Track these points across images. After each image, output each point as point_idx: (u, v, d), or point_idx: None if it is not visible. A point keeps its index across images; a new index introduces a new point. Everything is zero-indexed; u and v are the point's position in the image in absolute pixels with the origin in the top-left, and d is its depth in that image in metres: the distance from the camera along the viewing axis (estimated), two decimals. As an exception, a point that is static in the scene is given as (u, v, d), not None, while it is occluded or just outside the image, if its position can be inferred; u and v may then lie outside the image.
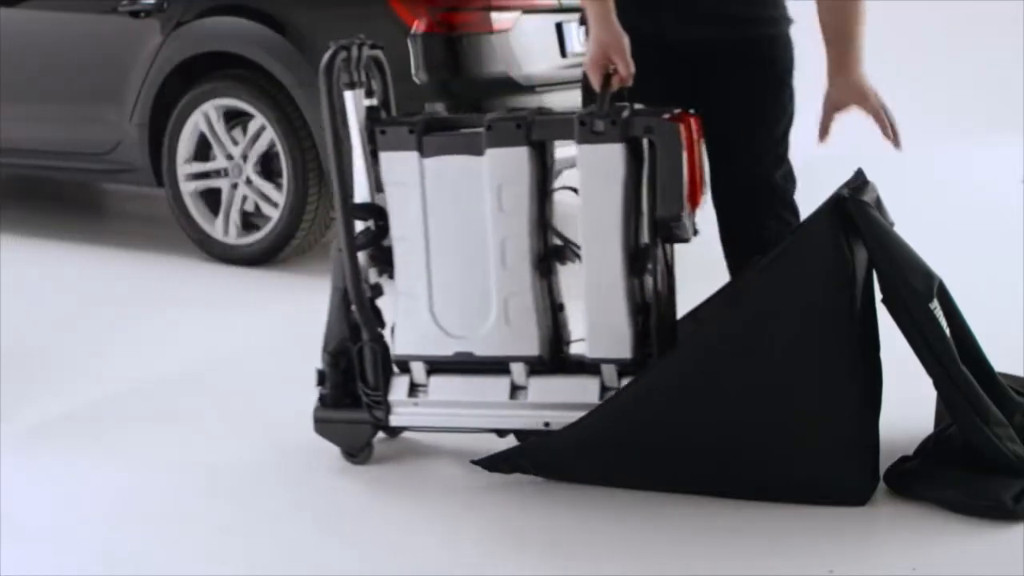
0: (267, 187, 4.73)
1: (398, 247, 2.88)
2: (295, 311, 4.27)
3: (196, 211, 4.87)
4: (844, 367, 2.67)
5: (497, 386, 2.84)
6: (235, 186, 4.78)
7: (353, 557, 2.57)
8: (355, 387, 2.93)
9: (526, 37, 4.63)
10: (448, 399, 2.88)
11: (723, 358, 2.69)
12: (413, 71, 4.47)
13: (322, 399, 2.97)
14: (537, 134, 2.78)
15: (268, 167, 4.75)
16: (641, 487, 2.77)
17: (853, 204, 2.66)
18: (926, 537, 2.61)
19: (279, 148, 4.65)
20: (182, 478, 2.93)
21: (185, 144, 4.84)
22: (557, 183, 2.92)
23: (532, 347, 2.82)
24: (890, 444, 2.78)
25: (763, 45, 3.02)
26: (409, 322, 2.89)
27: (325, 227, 4.81)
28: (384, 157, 2.86)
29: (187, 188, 4.86)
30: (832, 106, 2.92)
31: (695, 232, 2.77)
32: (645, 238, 2.77)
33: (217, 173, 4.82)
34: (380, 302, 2.94)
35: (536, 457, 2.80)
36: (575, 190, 2.79)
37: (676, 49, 2.97)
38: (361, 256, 2.89)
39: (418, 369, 2.89)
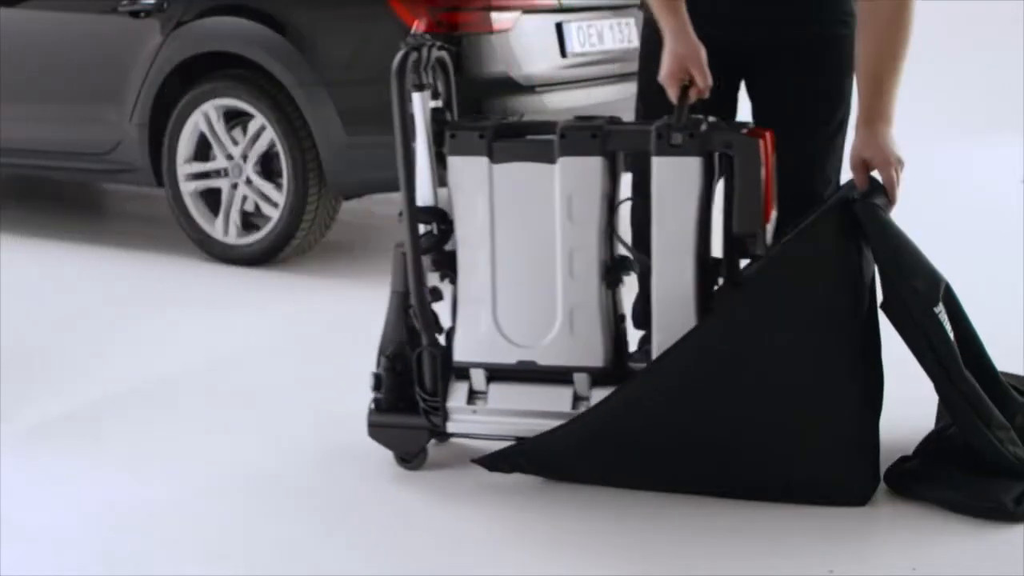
0: (267, 187, 4.72)
1: (462, 253, 2.85)
2: (295, 311, 4.27)
3: (196, 211, 4.86)
4: (846, 368, 2.67)
5: (559, 396, 2.81)
6: (235, 186, 4.77)
7: (352, 557, 2.57)
8: (410, 392, 2.89)
9: (526, 37, 4.62)
10: (508, 407, 2.84)
11: (724, 357, 2.69)
12: (413, 71, 4.46)
13: (377, 403, 2.92)
14: (612, 144, 2.75)
15: (268, 167, 4.74)
16: (641, 487, 2.77)
17: (861, 206, 2.66)
18: (926, 537, 2.61)
19: (279, 148, 4.65)
20: (182, 478, 2.93)
21: (185, 144, 4.83)
22: None
23: (596, 358, 2.79)
24: (890, 444, 2.79)
25: (814, 46, 2.99)
26: (471, 328, 2.85)
27: (325, 227, 4.81)
28: (453, 161, 2.82)
29: (187, 188, 4.85)
30: (857, 160, 2.81)
31: (767, 247, 2.75)
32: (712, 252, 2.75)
33: (217, 173, 4.82)
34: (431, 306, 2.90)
35: (536, 457, 2.80)
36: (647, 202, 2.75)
37: (726, 52, 2.95)
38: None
39: (478, 376, 2.86)
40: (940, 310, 2.67)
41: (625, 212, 2.88)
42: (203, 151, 4.85)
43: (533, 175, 2.78)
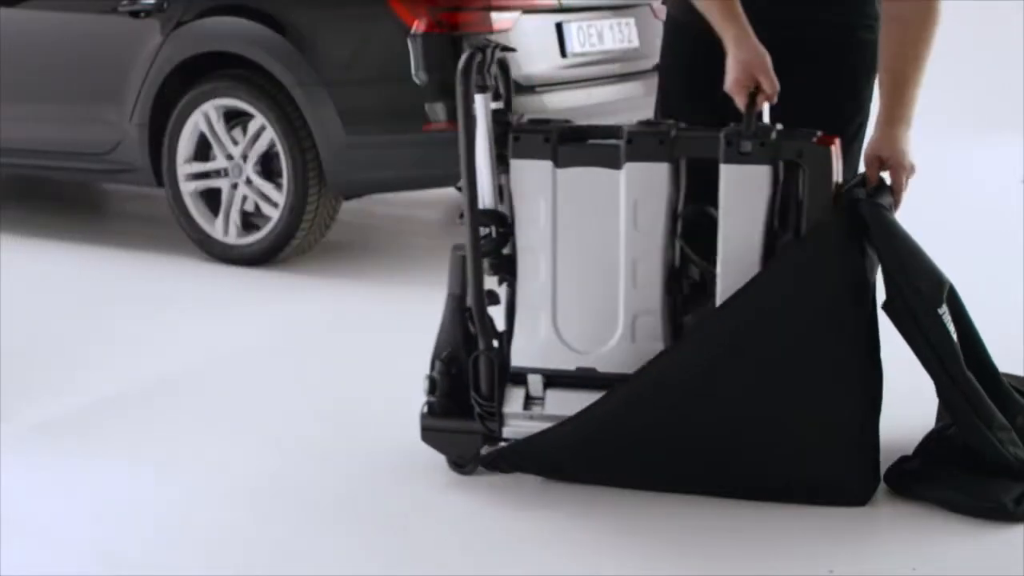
0: (267, 187, 4.72)
1: (523, 257, 2.81)
2: (295, 311, 4.27)
3: (196, 211, 4.86)
4: (848, 368, 2.66)
5: None
6: (235, 186, 4.77)
7: (352, 557, 2.57)
8: (463, 396, 2.85)
9: (526, 37, 4.62)
10: (565, 413, 2.79)
11: (727, 356, 2.68)
12: (413, 71, 4.46)
13: (430, 407, 2.88)
14: (679, 151, 2.72)
15: (268, 167, 4.74)
16: (640, 487, 2.76)
17: (867, 207, 2.65)
18: (926, 537, 2.61)
19: (279, 148, 4.65)
20: (182, 478, 2.93)
21: (185, 144, 4.83)
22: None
23: None
24: (890, 444, 2.78)
25: (837, 49, 2.97)
26: (529, 334, 2.81)
27: (325, 227, 4.81)
28: (516, 164, 2.77)
29: (187, 188, 4.85)
30: (872, 157, 2.81)
31: None
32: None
33: (217, 173, 4.82)
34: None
35: (534, 456, 2.79)
36: (711, 210, 2.73)
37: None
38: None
39: (535, 382, 2.82)
40: (944, 311, 2.67)
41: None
42: (203, 151, 4.85)
43: (598, 180, 2.73)
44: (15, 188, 6.30)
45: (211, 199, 4.86)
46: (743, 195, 2.66)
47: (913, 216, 2.89)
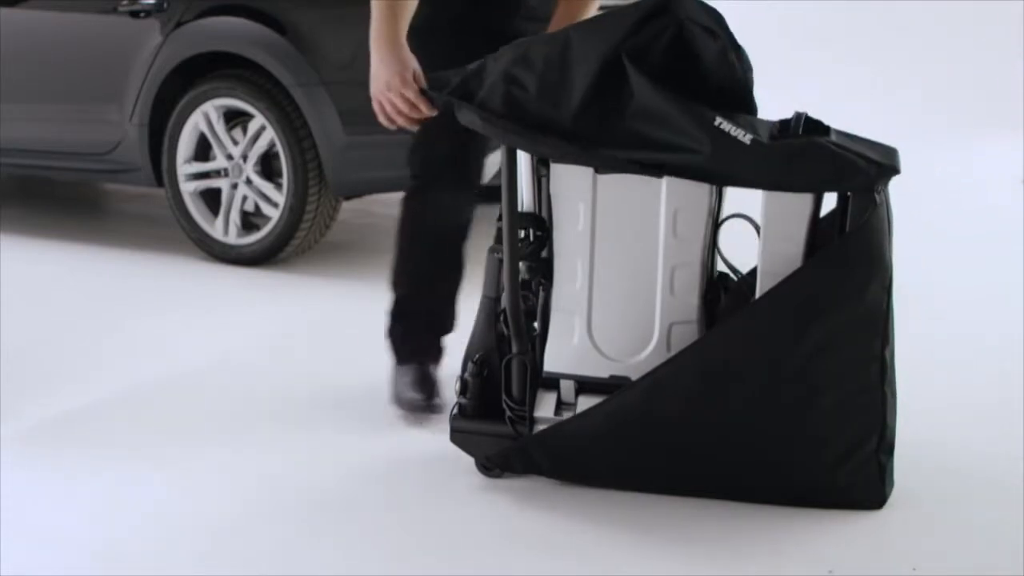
0: (267, 187, 4.73)
1: (559, 262, 2.79)
2: (295, 311, 4.28)
3: (196, 211, 4.87)
4: (878, 372, 2.64)
5: None
6: (235, 186, 4.78)
7: (350, 556, 2.57)
8: (493, 398, 2.83)
9: (526, 37, 4.62)
10: None
11: (748, 356, 2.64)
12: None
13: (461, 408, 2.87)
14: None
15: (268, 167, 4.75)
16: (655, 490, 2.75)
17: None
18: (926, 537, 2.61)
19: (279, 148, 4.65)
20: (181, 478, 2.93)
21: (185, 144, 4.84)
22: None
23: None
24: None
25: None
26: (563, 339, 2.80)
27: (325, 227, 4.82)
28: (557, 169, 2.76)
29: (187, 188, 4.86)
30: None
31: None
32: None
33: (217, 173, 4.82)
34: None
35: (548, 451, 2.77)
36: (750, 219, 2.73)
37: None
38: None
39: (567, 387, 2.82)
40: None
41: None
42: (203, 151, 4.85)
43: (639, 188, 2.71)
44: (15, 188, 6.31)
45: (211, 199, 4.86)
46: (785, 214, 2.64)
47: (913, 216, 2.90)
